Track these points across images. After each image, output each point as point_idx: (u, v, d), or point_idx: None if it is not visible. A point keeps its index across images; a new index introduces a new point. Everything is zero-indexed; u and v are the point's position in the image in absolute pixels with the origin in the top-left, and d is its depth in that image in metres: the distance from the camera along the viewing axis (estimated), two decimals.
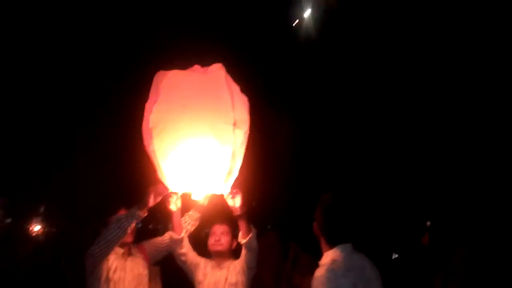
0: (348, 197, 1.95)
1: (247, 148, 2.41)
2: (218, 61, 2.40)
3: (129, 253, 2.64)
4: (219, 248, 2.71)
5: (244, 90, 2.47)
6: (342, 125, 8.36)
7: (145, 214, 2.40)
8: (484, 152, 7.83)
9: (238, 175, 2.40)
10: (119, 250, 2.57)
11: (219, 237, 2.72)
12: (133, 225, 2.40)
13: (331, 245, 1.88)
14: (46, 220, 10.20)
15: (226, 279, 2.65)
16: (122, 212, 2.49)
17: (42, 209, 10.30)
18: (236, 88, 2.43)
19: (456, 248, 4.13)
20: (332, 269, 1.78)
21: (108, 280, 2.45)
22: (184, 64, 2.48)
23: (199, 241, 3.10)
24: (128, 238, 2.54)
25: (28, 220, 9.41)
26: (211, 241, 2.74)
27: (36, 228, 9.95)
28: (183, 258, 2.69)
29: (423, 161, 8.51)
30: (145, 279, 2.66)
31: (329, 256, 1.86)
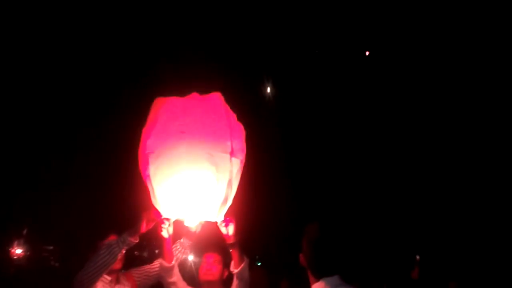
0: (334, 228, 1.90)
1: (242, 177, 2.43)
2: (216, 90, 2.45)
3: (117, 281, 2.57)
4: (210, 278, 2.66)
5: (239, 118, 2.52)
6: (331, 154, 8.42)
7: (137, 241, 2.36)
8: (473, 185, 7.91)
9: (232, 204, 2.40)
10: (106, 278, 2.50)
11: (210, 267, 2.67)
12: (123, 251, 2.35)
13: (317, 277, 1.83)
14: (28, 244, 9.93)
15: None
16: (113, 238, 2.44)
17: (24, 232, 10.04)
18: (233, 116, 2.47)
19: (446, 282, 4.12)
20: None
21: None
22: (182, 91, 2.52)
23: (187, 271, 3.04)
24: (117, 265, 2.49)
25: (10, 243, 9.13)
26: (202, 270, 2.69)
27: (18, 251, 9.66)
28: (172, 287, 2.63)
29: (413, 193, 8.56)
30: None
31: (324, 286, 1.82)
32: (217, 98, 2.40)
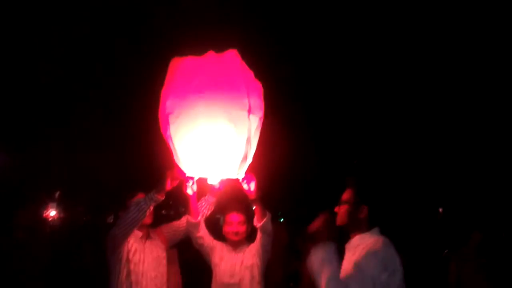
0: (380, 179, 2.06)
1: (261, 134, 2.45)
2: (232, 48, 2.42)
3: (147, 236, 2.72)
4: (237, 238, 2.76)
5: (257, 76, 2.49)
6: (354, 111, 8.31)
7: (163, 198, 2.47)
8: (498, 138, 7.74)
9: (253, 160, 2.44)
10: (138, 233, 2.65)
11: (236, 228, 2.75)
12: (151, 208, 2.47)
13: (370, 227, 1.98)
14: (61, 206, 10.46)
15: (242, 262, 2.71)
16: (141, 196, 2.56)
17: (57, 195, 10.54)
18: (250, 74, 2.45)
19: (470, 233, 4.14)
20: (387, 243, 1.89)
21: (128, 261, 2.54)
22: (199, 50, 2.50)
23: (213, 226, 3.16)
24: (147, 220, 2.62)
25: (44, 206, 9.64)
26: (228, 230, 2.77)
27: (52, 213, 10.21)
28: (199, 241, 2.76)
29: (437, 146, 8.44)
30: (164, 261, 2.75)
31: (371, 237, 1.96)
32: (233, 55, 2.37)
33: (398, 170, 8.41)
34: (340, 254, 1.96)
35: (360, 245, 1.95)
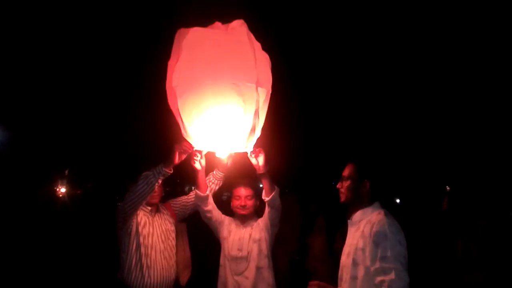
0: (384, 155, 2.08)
1: (269, 107, 2.40)
2: (239, 18, 2.35)
3: (156, 210, 2.74)
4: (245, 213, 2.76)
5: (264, 47, 2.43)
6: (360, 85, 8.20)
7: (171, 171, 2.46)
8: (504, 118, 7.64)
9: (261, 134, 2.41)
10: (147, 208, 2.67)
11: (244, 202, 2.75)
12: (160, 181, 2.47)
13: (372, 201, 2.01)
14: (70, 183, 10.63)
15: (250, 235, 2.72)
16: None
17: (66, 172, 10.70)
18: (257, 45, 2.38)
19: (477, 213, 4.11)
20: (390, 217, 1.93)
21: (138, 234, 2.57)
22: (205, 21, 2.44)
23: (220, 203, 3.17)
24: (156, 199, 2.64)
25: (54, 183, 9.81)
26: (236, 204, 2.77)
27: (62, 190, 10.39)
28: (208, 215, 2.77)
29: (443, 124, 8.35)
30: (173, 235, 2.78)
31: (373, 211, 1.99)
32: (240, 25, 2.30)
33: (404, 147, 8.38)
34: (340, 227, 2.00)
35: (363, 220, 1.97)
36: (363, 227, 1.93)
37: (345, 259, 2.00)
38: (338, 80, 8.07)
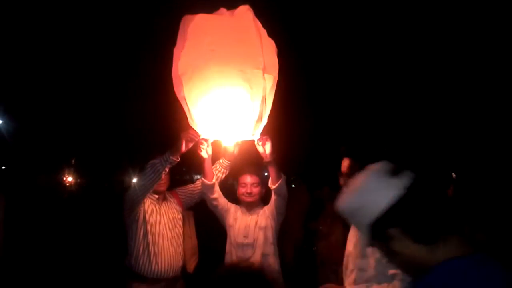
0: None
1: (276, 95, 2.38)
2: (245, 3, 2.30)
3: (164, 198, 2.75)
4: (250, 200, 2.76)
5: (270, 34, 2.39)
6: (364, 74, 8.14)
7: (178, 160, 2.46)
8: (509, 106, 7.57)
9: (268, 122, 2.39)
10: (154, 196, 2.68)
11: (250, 189, 2.74)
12: (167, 169, 2.47)
13: None
14: (77, 172, 10.76)
15: (256, 223, 2.72)
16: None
17: (73, 162, 10.82)
18: (263, 31, 2.35)
19: (484, 200, 4.09)
20: None
21: (145, 221, 2.59)
22: (210, 7, 2.40)
23: (226, 190, 3.17)
24: (163, 187, 2.66)
25: (62, 172, 9.92)
26: (241, 191, 2.77)
27: (69, 179, 10.53)
28: (214, 203, 2.77)
29: (449, 112, 8.29)
30: (179, 222, 2.79)
31: None
32: (246, 12, 2.27)
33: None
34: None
35: None
36: None
37: (352, 248, 1.98)
38: (344, 68, 8.00)
